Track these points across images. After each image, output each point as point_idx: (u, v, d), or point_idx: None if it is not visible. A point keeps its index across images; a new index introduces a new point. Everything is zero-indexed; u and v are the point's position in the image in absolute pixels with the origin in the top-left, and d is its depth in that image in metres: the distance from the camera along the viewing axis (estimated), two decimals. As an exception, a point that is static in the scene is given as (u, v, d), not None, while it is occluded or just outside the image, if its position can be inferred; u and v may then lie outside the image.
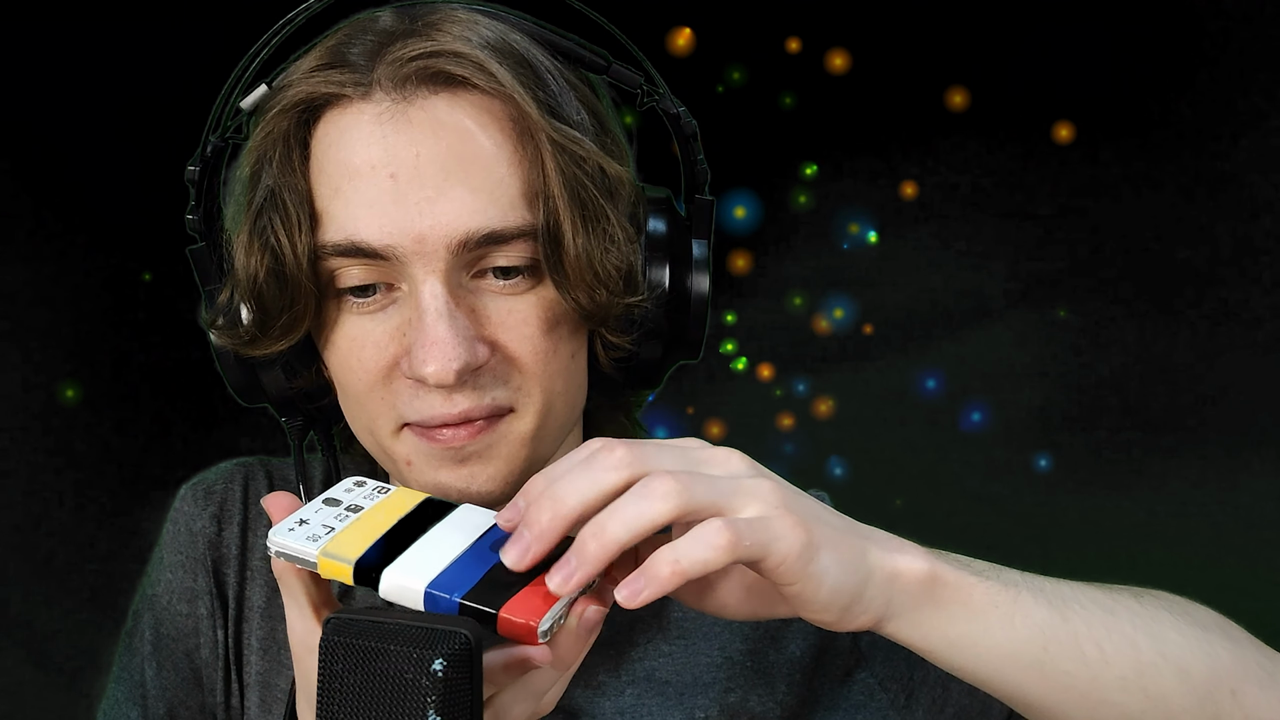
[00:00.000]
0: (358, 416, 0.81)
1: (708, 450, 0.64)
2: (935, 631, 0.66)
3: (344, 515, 0.66)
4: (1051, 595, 0.69)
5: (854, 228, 2.99)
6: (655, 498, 0.59)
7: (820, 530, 0.62)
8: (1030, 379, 2.99)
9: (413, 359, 0.75)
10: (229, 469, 0.96)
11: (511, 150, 0.76)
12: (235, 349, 0.81)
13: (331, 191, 0.76)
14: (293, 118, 0.77)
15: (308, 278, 0.76)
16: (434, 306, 0.74)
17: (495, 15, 0.79)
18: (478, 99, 0.76)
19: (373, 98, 0.75)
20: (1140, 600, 0.72)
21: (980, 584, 0.66)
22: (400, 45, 0.76)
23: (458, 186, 0.74)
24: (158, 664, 0.91)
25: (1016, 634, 0.67)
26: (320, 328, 0.80)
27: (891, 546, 0.66)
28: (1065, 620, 0.68)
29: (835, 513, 0.66)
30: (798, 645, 0.89)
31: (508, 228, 0.75)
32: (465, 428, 0.77)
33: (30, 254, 2.61)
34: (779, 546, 0.60)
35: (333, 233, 0.76)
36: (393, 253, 0.74)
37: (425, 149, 0.74)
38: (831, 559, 0.62)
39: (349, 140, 0.75)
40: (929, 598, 0.65)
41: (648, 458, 0.61)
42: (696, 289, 0.82)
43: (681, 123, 0.83)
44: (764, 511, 0.61)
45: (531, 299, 0.77)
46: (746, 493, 0.61)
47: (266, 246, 0.76)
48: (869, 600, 0.64)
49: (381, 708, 0.56)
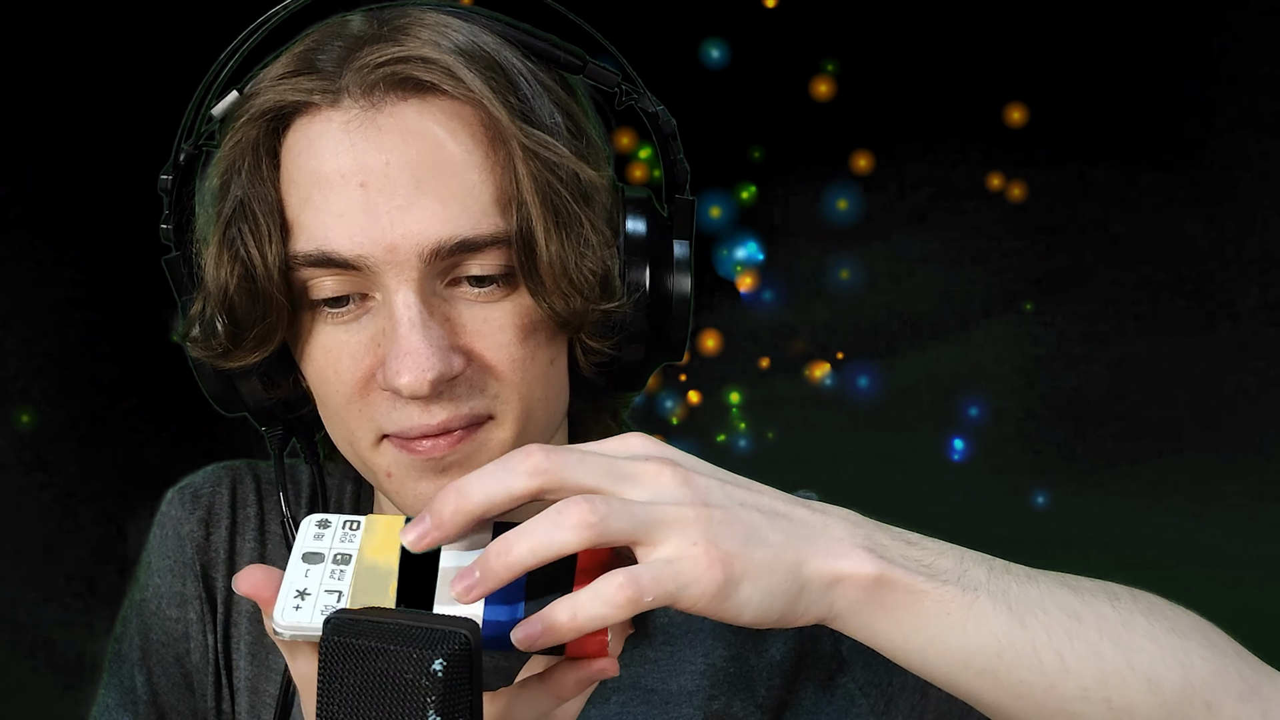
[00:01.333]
0: (336, 427, 0.81)
1: (636, 464, 0.61)
2: (882, 633, 0.64)
3: (338, 571, 0.63)
4: (1014, 599, 0.65)
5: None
6: (566, 527, 0.57)
7: (742, 563, 0.60)
8: (1019, 384, 3.00)
9: (387, 370, 0.74)
10: (216, 472, 0.96)
11: (483, 157, 0.75)
12: (210, 361, 0.79)
13: (301, 201, 0.75)
14: (262, 126, 0.76)
15: (279, 289, 0.75)
16: (407, 317, 0.73)
17: (467, 17, 0.79)
18: (447, 105, 0.75)
19: (341, 105, 0.74)
20: (1114, 603, 0.69)
21: (934, 590, 0.63)
22: (368, 51, 0.75)
23: (428, 195, 0.73)
24: (148, 669, 0.91)
25: (969, 641, 0.64)
26: (296, 338, 0.79)
27: (838, 550, 0.62)
28: (1023, 627, 0.65)
29: (787, 513, 0.63)
30: (778, 649, 0.89)
31: (480, 235, 0.74)
32: (444, 438, 0.76)
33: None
34: (690, 592, 0.58)
35: (304, 243, 0.75)
36: (364, 263, 0.73)
37: (395, 157, 0.73)
38: (753, 588, 0.60)
39: (318, 149, 0.75)
40: (874, 601, 0.63)
41: (565, 470, 0.59)
42: (678, 290, 0.81)
43: (660, 121, 0.82)
44: (680, 550, 0.59)
45: (507, 306, 0.77)
46: (665, 525, 0.59)
47: (237, 258, 0.75)
48: (806, 606, 0.62)
49: (381, 708, 0.56)
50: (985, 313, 3.03)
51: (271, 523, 0.94)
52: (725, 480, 0.63)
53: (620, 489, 0.60)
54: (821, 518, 0.64)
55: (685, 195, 0.83)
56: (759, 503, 0.63)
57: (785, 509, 0.64)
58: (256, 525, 0.94)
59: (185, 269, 0.81)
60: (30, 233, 2.55)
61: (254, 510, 0.94)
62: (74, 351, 2.63)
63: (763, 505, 0.63)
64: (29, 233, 2.55)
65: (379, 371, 0.76)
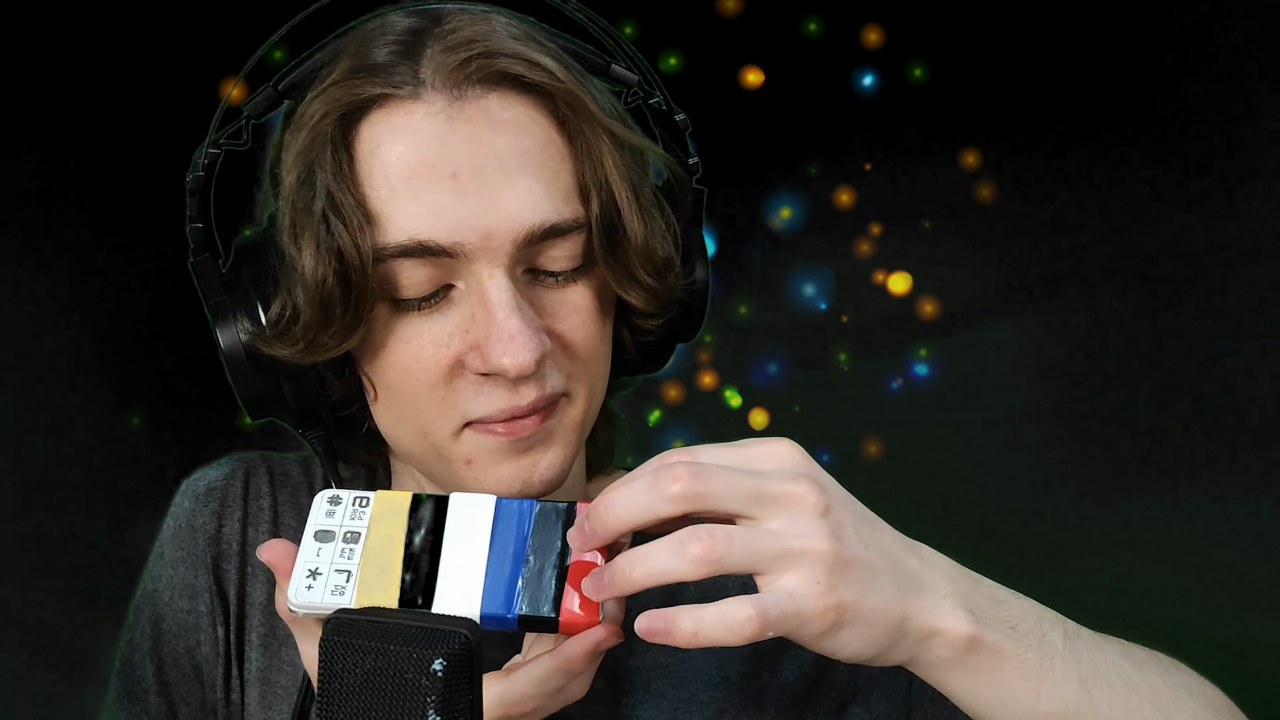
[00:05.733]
0: (409, 420, 0.81)
1: (782, 486, 0.62)
2: (959, 688, 0.66)
3: (347, 550, 0.66)
4: (1085, 669, 0.68)
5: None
6: (687, 559, 0.60)
7: (854, 611, 0.61)
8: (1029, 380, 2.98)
9: (489, 353, 0.75)
10: (229, 464, 0.96)
11: (564, 144, 0.77)
12: (293, 358, 0.79)
13: (387, 193, 0.76)
14: (335, 122, 0.77)
15: (372, 279, 0.76)
16: (505, 300, 0.75)
17: (508, 16, 0.80)
18: (528, 96, 0.77)
19: (424, 98, 0.76)
20: (1165, 679, 0.72)
21: (1016, 654, 0.66)
22: (442, 45, 0.76)
23: (519, 182, 0.75)
24: (159, 660, 0.91)
25: (1040, 706, 0.67)
26: (369, 333, 0.79)
27: (940, 609, 0.64)
28: (1090, 698, 0.68)
29: (902, 560, 0.65)
30: (792, 671, 0.89)
31: (564, 220, 0.77)
32: (531, 418, 0.78)
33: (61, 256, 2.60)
34: (802, 630, 0.61)
35: (394, 233, 0.76)
36: (460, 250, 0.75)
37: (484, 146, 0.75)
38: (856, 635, 0.62)
39: (402, 140, 0.76)
40: (961, 660, 0.65)
41: (712, 497, 0.61)
42: (703, 273, 0.86)
43: (675, 119, 0.84)
44: (802, 587, 0.61)
45: (581, 288, 0.79)
46: (791, 560, 0.61)
47: (334, 250, 0.75)
48: (897, 652, 0.65)
49: (381, 707, 0.56)
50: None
51: (285, 514, 0.95)
52: (857, 516, 0.65)
53: (761, 514, 0.62)
54: (929, 571, 0.66)
55: (698, 188, 0.86)
56: (881, 545, 0.65)
57: (901, 555, 0.65)
58: (270, 517, 0.94)
59: (266, 263, 0.80)
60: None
61: (267, 502, 0.94)
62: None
63: (884, 548, 0.65)
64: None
65: (469, 357, 0.77)
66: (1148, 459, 2.88)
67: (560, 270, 0.78)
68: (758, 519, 0.62)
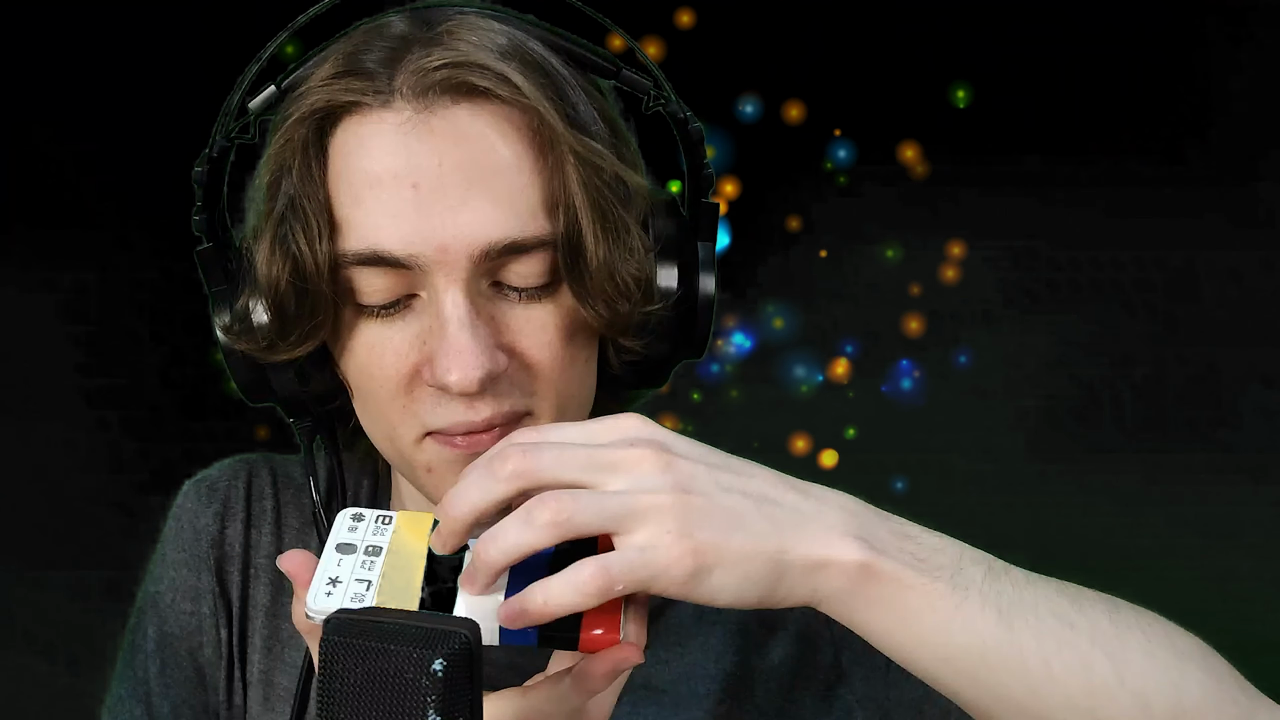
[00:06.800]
0: (378, 423, 0.81)
1: (618, 452, 0.62)
2: (866, 622, 0.64)
3: (369, 562, 0.66)
4: (1007, 602, 0.65)
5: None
6: (535, 525, 0.60)
7: (716, 551, 0.60)
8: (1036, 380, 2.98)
9: (436, 368, 0.75)
10: (232, 465, 0.96)
11: (532, 160, 0.75)
12: (252, 354, 0.80)
13: (352, 200, 0.76)
14: (311, 125, 0.76)
15: (328, 286, 0.76)
16: (456, 315, 0.74)
17: (507, 20, 0.79)
18: (499, 109, 0.75)
19: (394, 106, 0.75)
20: (1113, 616, 0.67)
21: (922, 584, 0.63)
22: (421, 54, 0.75)
23: (480, 196, 0.74)
24: (161, 662, 0.91)
25: (953, 639, 0.64)
26: (337, 334, 0.79)
27: (825, 537, 0.63)
28: (1011, 632, 0.64)
29: (777, 498, 0.64)
30: (778, 652, 0.89)
31: (527, 237, 0.75)
32: (487, 434, 0.77)
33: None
34: (660, 580, 0.60)
35: (354, 241, 0.75)
36: (415, 262, 0.74)
37: (447, 159, 0.74)
38: (727, 575, 0.61)
39: (370, 149, 0.75)
40: (860, 589, 0.63)
41: (543, 470, 0.61)
42: (704, 291, 0.83)
43: (689, 128, 0.82)
44: (652, 538, 0.60)
45: (550, 306, 0.78)
46: (638, 514, 0.60)
47: (288, 255, 0.75)
48: (787, 590, 0.63)
49: (381, 707, 0.56)
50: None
51: (288, 516, 0.95)
52: (713, 465, 0.64)
53: (600, 480, 0.62)
54: (815, 504, 0.64)
55: (709, 200, 0.84)
56: (747, 487, 0.63)
57: (775, 494, 0.64)
58: (273, 518, 0.94)
59: (225, 261, 0.82)
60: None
61: (270, 503, 0.95)
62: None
63: (751, 490, 0.63)
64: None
65: (424, 368, 0.76)
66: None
67: (525, 287, 0.77)
68: (600, 485, 0.61)
